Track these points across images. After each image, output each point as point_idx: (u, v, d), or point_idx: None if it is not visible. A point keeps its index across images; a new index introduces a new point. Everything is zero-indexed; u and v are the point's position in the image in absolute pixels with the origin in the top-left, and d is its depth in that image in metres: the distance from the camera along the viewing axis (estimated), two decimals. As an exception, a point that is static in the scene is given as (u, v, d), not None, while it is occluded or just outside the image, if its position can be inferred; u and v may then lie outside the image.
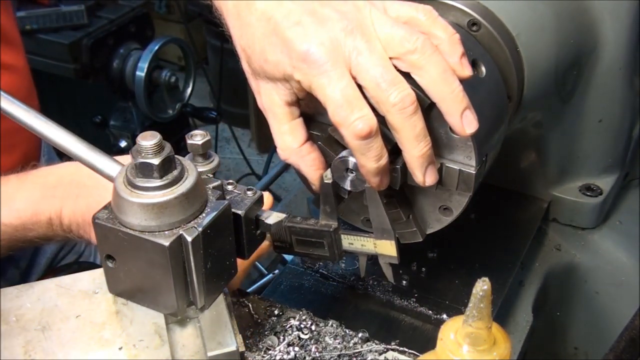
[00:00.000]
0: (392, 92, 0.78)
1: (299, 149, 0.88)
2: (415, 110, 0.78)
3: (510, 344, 0.62)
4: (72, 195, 0.95)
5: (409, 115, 0.78)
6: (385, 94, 0.78)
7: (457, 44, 0.82)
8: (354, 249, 0.90)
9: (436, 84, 0.79)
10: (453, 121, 0.80)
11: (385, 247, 0.88)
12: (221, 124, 3.27)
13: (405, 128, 0.79)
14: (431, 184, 0.84)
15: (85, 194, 0.94)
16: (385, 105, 0.78)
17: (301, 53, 0.79)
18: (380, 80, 0.78)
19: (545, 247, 1.27)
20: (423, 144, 0.80)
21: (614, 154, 1.25)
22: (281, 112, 0.87)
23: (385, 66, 0.79)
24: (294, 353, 0.86)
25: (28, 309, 0.76)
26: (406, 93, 0.78)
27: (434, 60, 0.79)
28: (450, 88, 0.79)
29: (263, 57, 0.83)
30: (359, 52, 0.79)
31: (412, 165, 0.82)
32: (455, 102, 0.79)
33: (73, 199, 0.95)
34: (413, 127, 0.79)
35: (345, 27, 0.79)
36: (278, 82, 0.85)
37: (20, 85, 1.37)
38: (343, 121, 0.79)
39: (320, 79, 0.79)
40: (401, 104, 0.78)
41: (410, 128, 0.79)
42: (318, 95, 0.80)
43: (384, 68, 0.78)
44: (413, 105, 0.78)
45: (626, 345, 0.81)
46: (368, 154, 0.80)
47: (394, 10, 0.83)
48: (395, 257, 0.89)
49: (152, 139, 0.67)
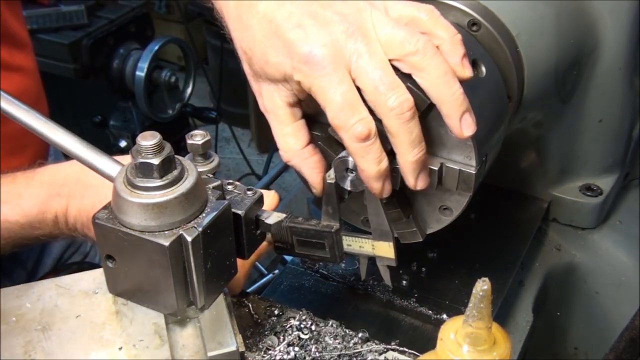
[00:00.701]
0: (390, 96, 0.78)
1: (301, 151, 0.88)
2: (413, 116, 0.78)
3: (510, 344, 0.63)
4: (78, 194, 0.95)
5: (406, 120, 0.78)
6: (384, 98, 0.78)
7: (458, 44, 0.82)
8: (352, 250, 0.90)
9: (437, 86, 0.79)
10: (451, 123, 0.80)
11: (383, 248, 0.88)
12: (221, 124, 3.27)
13: (401, 133, 0.79)
14: (422, 189, 0.84)
15: (91, 194, 0.94)
16: (383, 109, 0.78)
17: (303, 55, 0.79)
18: (379, 84, 0.78)
19: (545, 247, 1.27)
20: (417, 150, 0.80)
21: (614, 154, 1.25)
22: (283, 113, 0.87)
23: (384, 70, 0.79)
24: (294, 353, 0.86)
25: (28, 309, 0.76)
26: (404, 98, 0.78)
27: (435, 62, 0.79)
28: (450, 91, 0.79)
29: (264, 59, 0.83)
30: (359, 55, 0.79)
31: (405, 170, 0.82)
32: (455, 105, 0.79)
33: (79, 198, 0.95)
34: (409, 133, 0.79)
35: (346, 29, 0.79)
36: (279, 83, 0.85)
37: (30, 86, 1.37)
38: (343, 124, 0.79)
39: (322, 81, 0.79)
40: (399, 109, 0.78)
41: (406, 133, 0.79)
42: (318, 98, 0.80)
43: (383, 71, 0.78)
44: (411, 110, 0.78)
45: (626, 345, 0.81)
46: (367, 156, 0.80)
47: (396, 11, 0.83)
48: (393, 259, 0.89)
49: (152, 139, 0.67)
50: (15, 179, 0.98)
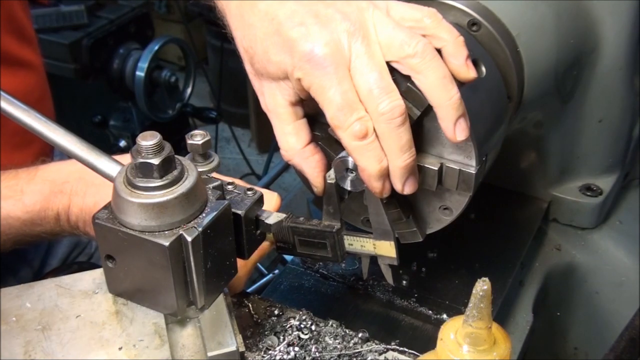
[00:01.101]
0: (383, 100, 0.78)
1: (302, 150, 0.88)
2: (403, 122, 0.79)
3: (510, 344, 0.63)
4: (80, 192, 0.95)
5: (396, 126, 0.78)
6: (376, 102, 0.78)
7: (462, 46, 0.82)
8: (353, 249, 0.90)
9: (434, 89, 0.79)
10: (446, 127, 0.80)
11: (384, 248, 0.88)
12: (221, 124, 3.27)
13: (391, 138, 0.79)
14: (409, 194, 0.84)
15: (93, 192, 0.94)
16: (374, 113, 0.78)
17: (305, 53, 0.79)
18: (374, 87, 0.78)
19: (545, 247, 1.27)
20: (407, 156, 0.80)
21: (614, 154, 1.25)
22: (285, 112, 0.87)
23: (380, 73, 0.79)
24: (294, 353, 0.86)
25: (28, 309, 0.76)
26: (397, 104, 0.78)
27: (434, 65, 0.79)
28: (448, 95, 0.79)
29: (266, 57, 0.83)
30: (357, 55, 0.79)
31: (393, 174, 0.82)
32: (452, 110, 0.79)
33: (81, 195, 0.95)
34: (399, 138, 0.79)
35: (347, 28, 0.79)
36: (281, 81, 0.85)
37: (36, 83, 1.38)
38: (341, 124, 0.79)
39: (323, 80, 0.79)
40: (390, 114, 0.78)
41: (396, 139, 0.79)
42: (317, 97, 0.80)
43: (379, 74, 0.78)
44: (402, 116, 0.78)
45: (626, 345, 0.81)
46: (367, 155, 0.80)
47: (398, 12, 0.83)
48: (394, 258, 0.89)
49: (152, 139, 0.67)
50: (17, 175, 0.98)
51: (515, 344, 1.06)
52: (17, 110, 0.72)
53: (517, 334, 1.09)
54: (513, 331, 1.09)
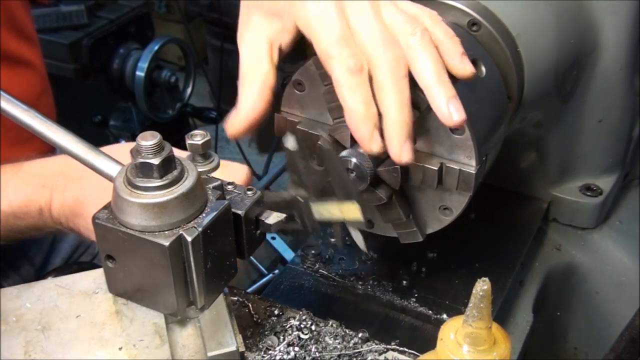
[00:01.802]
0: (388, 49, 0.77)
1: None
2: (406, 75, 0.77)
3: (510, 344, 0.63)
4: (60, 187, 0.95)
5: (400, 76, 0.77)
6: (381, 49, 0.77)
7: (457, 44, 0.82)
8: (323, 217, 0.86)
9: (427, 69, 0.79)
10: (439, 107, 0.78)
11: (351, 210, 0.84)
12: (221, 124, 3.26)
13: (393, 88, 0.77)
14: (405, 162, 0.80)
15: (73, 186, 0.94)
16: (377, 59, 0.77)
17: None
18: (379, 36, 0.77)
19: (545, 247, 1.27)
20: (407, 112, 0.77)
21: (614, 154, 1.25)
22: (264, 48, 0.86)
23: (385, 29, 0.79)
24: (294, 353, 0.86)
25: (28, 309, 0.76)
26: (402, 55, 0.77)
27: (430, 49, 0.79)
28: (440, 75, 0.79)
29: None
30: (362, 12, 0.79)
31: (391, 131, 0.77)
32: (444, 88, 0.78)
33: (61, 190, 0.95)
34: (401, 91, 0.77)
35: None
36: (273, 17, 0.85)
37: (37, 82, 1.38)
38: (337, 54, 0.77)
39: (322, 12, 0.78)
40: (395, 63, 0.77)
41: (398, 90, 0.77)
42: (313, 26, 0.79)
43: (384, 29, 0.78)
44: (405, 68, 0.77)
45: (626, 345, 0.81)
46: (358, 92, 0.77)
47: (402, 5, 0.84)
48: (361, 220, 0.85)
49: (152, 139, 0.67)
50: (3, 170, 0.99)
51: (515, 344, 1.06)
52: (16, 110, 0.72)
53: (517, 334, 1.09)
54: (513, 331, 1.09)
